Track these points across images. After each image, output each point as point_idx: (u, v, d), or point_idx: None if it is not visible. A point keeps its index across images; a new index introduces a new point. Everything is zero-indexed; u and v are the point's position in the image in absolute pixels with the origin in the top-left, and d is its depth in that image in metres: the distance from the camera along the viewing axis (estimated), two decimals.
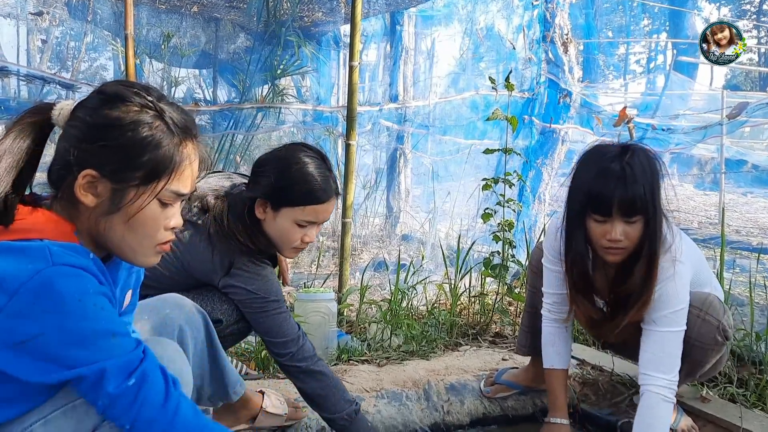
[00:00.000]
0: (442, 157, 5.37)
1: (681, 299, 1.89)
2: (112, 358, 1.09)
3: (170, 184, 1.17)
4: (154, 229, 1.19)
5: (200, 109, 3.87)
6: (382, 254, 4.67)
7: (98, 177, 1.13)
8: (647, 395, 1.87)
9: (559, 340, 2.16)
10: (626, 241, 1.81)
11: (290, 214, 1.83)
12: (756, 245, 6.06)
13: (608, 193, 1.77)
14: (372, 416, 2.26)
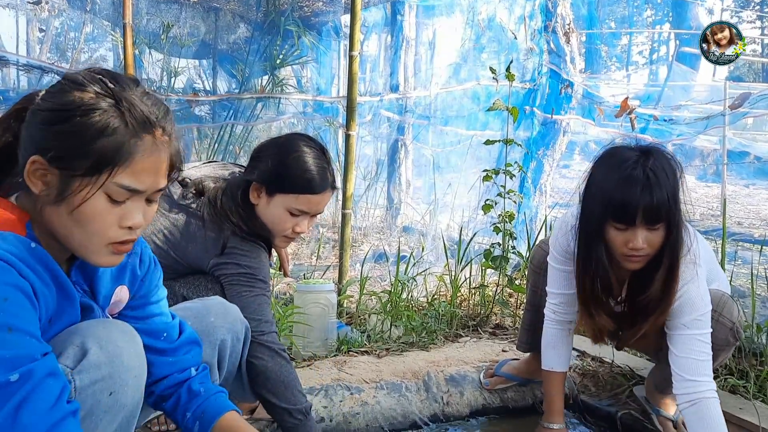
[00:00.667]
0: (443, 149, 5.35)
1: (707, 301, 1.85)
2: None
3: (118, 178, 1.08)
4: (104, 226, 1.11)
5: (199, 99, 3.86)
6: (383, 246, 4.66)
7: (46, 164, 1.07)
8: (705, 404, 1.77)
9: (560, 343, 2.14)
10: (648, 249, 1.75)
11: (283, 202, 1.84)
12: (758, 237, 6.05)
13: (633, 201, 1.69)
14: (371, 407, 2.26)
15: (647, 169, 1.70)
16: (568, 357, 2.17)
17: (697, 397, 1.78)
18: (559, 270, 2.08)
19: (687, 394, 1.80)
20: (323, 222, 5.21)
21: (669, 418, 2.15)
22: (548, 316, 2.15)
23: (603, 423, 2.35)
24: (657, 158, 1.74)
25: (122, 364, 1.21)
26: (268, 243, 1.92)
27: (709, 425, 1.76)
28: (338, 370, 2.44)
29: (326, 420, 2.18)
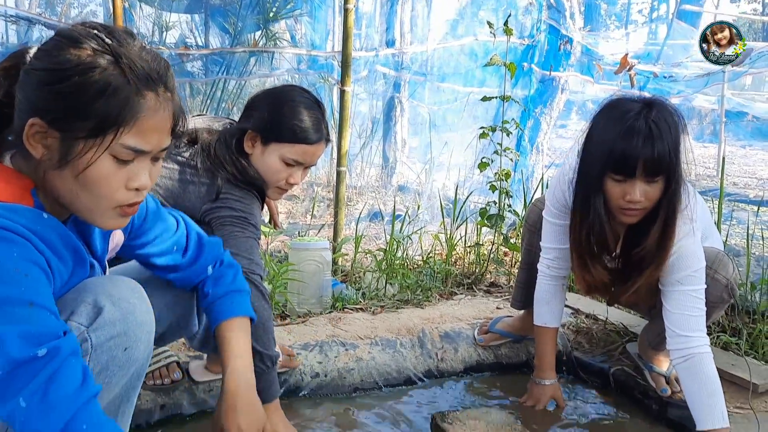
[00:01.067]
0: (439, 106, 5.28)
1: (701, 257, 1.84)
2: (21, 324, 0.98)
3: (124, 138, 1.05)
4: (111, 189, 1.07)
5: (191, 53, 3.78)
6: (378, 204, 4.64)
7: (46, 126, 1.03)
8: (698, 359, 1.78)
9: (554, 299, 2.14)
10: (645, 202, 1.73)
11: (278, 151, 1.83)
12: (753, 197, 6.05)
13: (634, 152, 1.66)
14: (366, 362, 2.27)
15: (649, 120, 1.67)
16: (560, 312, 2.18)
17: (690, 353, 1.79)
18: (555, 224, 2.07)
19: (680, 350, 1.81)
20: (318, 180, 5.17)
21: (661, 374, 2.17)
22: (542, 272, 2.15)
23: (596, 379, 2.37)
24: (660, 110, 1.70)
25: (135, 320, 1.22)
26: (262, 194, 1.90)
27: (703, 380, 1.77)
28: (333, 327, 2.44)
29: (321, 375, 2.19)
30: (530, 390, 2.19)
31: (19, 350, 0.97)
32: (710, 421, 1.73)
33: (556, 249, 2.09)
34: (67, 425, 0.98)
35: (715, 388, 1.77)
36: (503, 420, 1.86)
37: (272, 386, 1.73)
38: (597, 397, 2.28)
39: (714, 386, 1.77)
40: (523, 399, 2.18)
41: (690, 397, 1.80)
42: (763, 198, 5.01)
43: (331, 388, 2.19)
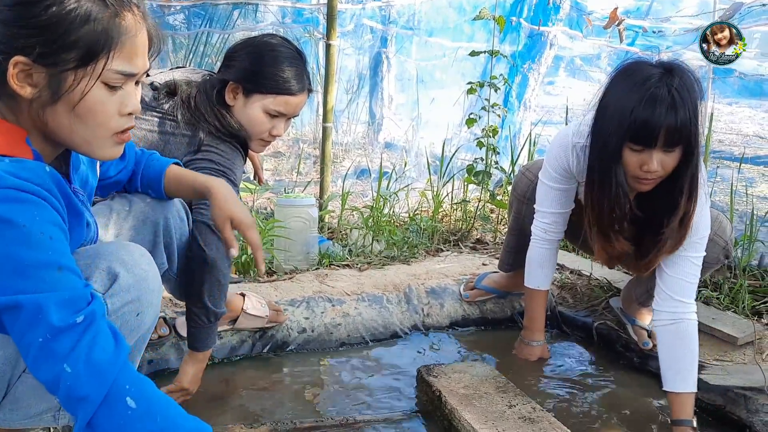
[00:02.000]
0: (427, 62, 5.21)
1: (707, 225, 1.81)
2: (55, 291, 0.98)
3: (112, 63, 1.03)
4: (106, 117, 1.06)
5: (172, 4, 3.67)
6: (365, 161, 4.61)
7: (30, 63, 0.99)
8: (687, 324, 1.79)
9: (547, 262, 2.15)
10: (662, 171, 1.67)
11: (260, 102, 1.80)
12: (738, 155, 6.08)
13: (657, 122, 1.59)
14: (353, 318, 2.29)
15: (672, 88, 1.59)
16: (552, 275, 2.20)
17: (680, 318, 1.79)
18: (554, 188, 2.02)
19: (671, 313, 1.80)
20: (304, 137, 5.11)
21: (644, 328, 2.21)
22: (537, 235, 2.12)
23: (580, 333, 2.41)
24: (681, 76, 1.62)
25: (148, 287, 1.23)
26: (245, 147, 1.87)
27: (687, 346, 1.79)
28: (320, 283, 2.45)
29: (308, 331, 2.21)
30: (518, 349, 2.22)
31: (60, 318, 0.98)
32: (683, 385, 1.77)
33: (554, 213, 2.07)
34: (113, 386, 1.00)
35: (695, 355, 1.79)
36: (487, 373, 1.89)
37: (208, 338, 1.78)
38: (580, 351, 2.32)
39: (695, 354, 1.79)
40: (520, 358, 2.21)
41: (668, 359, 1.80)
42: (745, 155, 5.05)
43: (318, 343, 2.21)
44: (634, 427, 1.83)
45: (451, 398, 1.73)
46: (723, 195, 4.02)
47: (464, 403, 1.71)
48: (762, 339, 2.13)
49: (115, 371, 1.01)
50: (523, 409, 1.69)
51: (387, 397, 1.94)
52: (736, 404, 1.84)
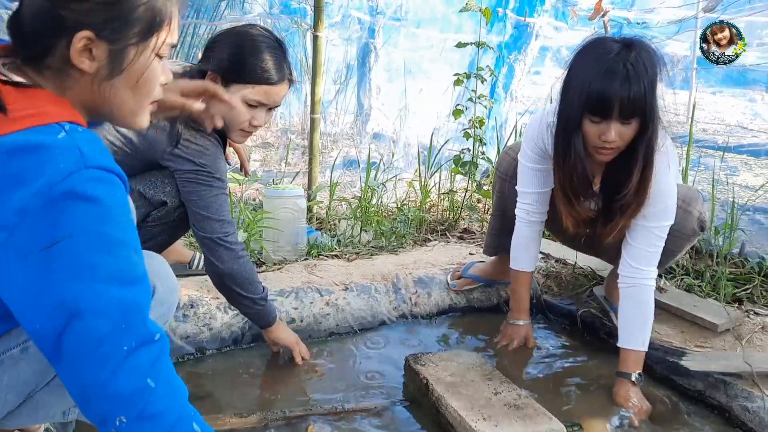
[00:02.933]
0: (414, 53, 5.22)
1: (672, 193, 1.89)
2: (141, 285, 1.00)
3: (168, 36, 1.10)
4: (155, 87, 1.13)
5: None
6: (353, 152, 4.63)
7: (94, 39, 1.02)
8: (641, 289, 1.91)
9: (531, 244, 2.19)
10: (619, 142, 1.75)
11: (239, 92, 1.79)
12: (721, 143, 6.14)
13: (610, 94, 1.68)
14: (341, 308, 2.31)
15: (627, 62, 1.68)
16: (536, 257, 2.24)
17: (637, 282, 1.92)
18: (532, 168, 2.09)
19: (630, 278, 1.93)
20: (292, 128, 5.12)
21: None
22: (520, 217, 2.17)
23: (564, 320, 2.45)
24: (639, 51, 1.71)
25: (174, 298, 1.28)
26: (224, 139, 1.87)
27: (640, 308, 1.92)
28: (308, 273, 2.47)
29: (297, 321, 2.23)
30: (504, 330, 2.26)
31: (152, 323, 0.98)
32: (633, 343, 1.91)
33: (534, 193, 2.12)
34: (184, 408, 1.00)
35: (647, 317, 1.92)
36: (474, 361, 1.92)
37: (270, 315, 2.00)
38: (565, 338, 2.36)
39: (647, 315, 1.92)
40: (498, 339, 2.26)
41: (624, 319, 1.94)
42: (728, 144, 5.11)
43: (307, 332, 2.24)
44: (617, 413, 1.87)
45: (438, 386, 1.76)
46: (706, 184, 4.07)
47: (451, 390, 1.74)
48: (742, 326, 2.18)
49: (186, 393, 1.01)
50: (509, 396, 1.72)
51: (375, 385, 1.97)
52: (716, 389, 1.89)
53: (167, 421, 0.96)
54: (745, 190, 4.12)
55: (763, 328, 2.15)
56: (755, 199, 3.49)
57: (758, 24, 9.13)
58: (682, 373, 1.98)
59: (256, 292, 1.91)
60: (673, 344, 2.12)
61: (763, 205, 3.57)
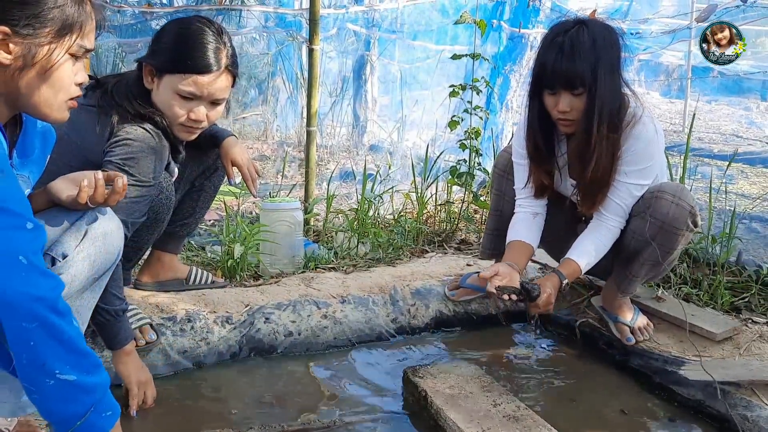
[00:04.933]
0: (410, 64, 5.24)
1: (655, 156, 2.02)
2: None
3: (82, 40, 1.26)
4: (68, 83, 1.27)
5: (154, 10, 3.68)
6: (349, 164, 4.63)
7: (10, 34, 1.18)
8: (606, 228, 2.07)
9: (522, 224, 2.20)
10: (574, 113, 1.91)
11: (171, 83, 1.75)
12: (717, 152, 6.17)
13: (550, 66, 1.87)
14: (339, 320, 2.30)
15: (569, 36, 1.85)
16: (533, 236, 2.18)
17: (602, 223, 2.07)
18: (522, 165, 2.18)
19: (598, 221, 2.08)
20: (288, 140, 5.13)
21: (626, 324, 2.25)
22: (516, 211, 2.23)
23: (563, 331, 2.45)
24: (587, 28, 1.87)
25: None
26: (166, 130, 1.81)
27: (596, 239, 2.07)
28: (306, 286, 2.47)
29: (294, 334, 2.22)
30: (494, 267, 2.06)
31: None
32: (577, 257, 2.05)
33: (527, 188, 2.19)
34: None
35: (599, 247, 2.06)
36: (472, 373, 1.92)
37: (120, 334, 1.74)
38: (563, 349, 2.35)
39: (598, 247, 2.06)
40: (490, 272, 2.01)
41: (581, 241, 2.08)
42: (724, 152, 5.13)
43: (305, 346, 2.23)
44: (616, 423, 1.87)
45: (437, 398, 1.76)
46: (703, 192, 4.09)
47: (450, 402, 1.73)
48: (740, 334, 2.18)
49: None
50: (508, 408, 1.72)
51: (374, 398, 1.96)
52: (715, 399, 1.88)
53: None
54: (742, 198, 4.13)
55: (761, 337, 2.15)
56: (752, 208, 3.50)
57: (752, 33, 9.20)
58: (681, 383, 1.97)
59: (105, 302, 1.66)
60: (671, 353, 2.12)
61: (760, 213, 3.59)
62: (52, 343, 1.13)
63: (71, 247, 1.40)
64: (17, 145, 1.33)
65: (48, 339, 1.13)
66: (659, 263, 2.08)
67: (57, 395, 1.16)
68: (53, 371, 1.14)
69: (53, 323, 1.13)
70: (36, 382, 1.14)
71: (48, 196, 1.47)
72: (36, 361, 1.13)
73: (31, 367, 1.13)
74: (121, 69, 3.90)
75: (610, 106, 1.91)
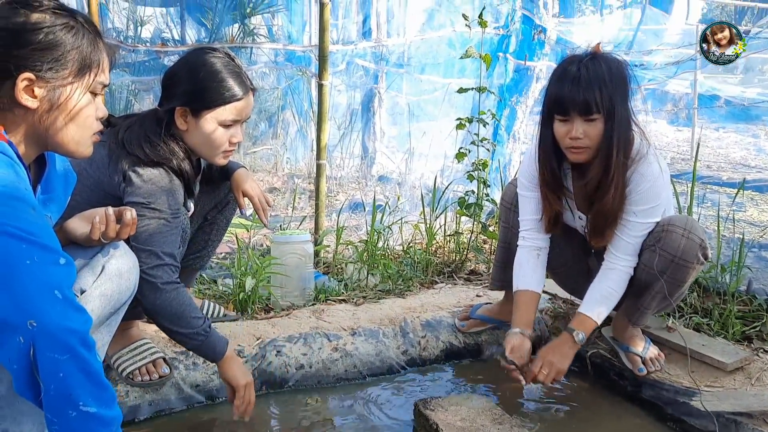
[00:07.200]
0: (418, 97, 5.30)
1: (662, 195, 2.04)
2: None
3: (100, 77, 1.32)
4: (91, 120, 1.33)
5: (168, 49, 3.76)
6: (359, 195, 4.67)
7: (34, 79, 1.24)
8: (616, 272, 2.07)
9: (527, 264, 2.22)
10: (587, 140, 1.94)
11: (213, 117, 1.84)
12: (726, 180, 6.17)
13: (564, 93, 1.90)
14: (350, 353, 2.31)
15: (581, 66, 1.89)
16: (539, 279, 2.21)
17: (613, 266, 2.08)
18: (527, 197, 2.21)
19: (610, 263, 2.09)
20: (298, 173, 5.18)
21: (638, 354, 2.24)
22: (520, 244, 2.24)
23: (574, 363, 2.42)
24: (599, 59, 1.92)
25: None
26: (180, 171, 1.87)
27: (606, 285, 2.08)
28: (316, 319, 2.49)
29: (306, 367, 2.24)
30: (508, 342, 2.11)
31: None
32: (589, 310, 2.07)
33: (530, 220, 2.21)
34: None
35: (611, 294, 2.07)
36: (483, 405, 1.92)
37: (212, 349, 1.83)
38: (574, 380, 2.34)
39: (611, 294, 2.07)
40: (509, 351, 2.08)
41: (591, 289, 2.10)
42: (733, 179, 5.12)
43: (316, 379, 2.24)
44: None
45: (449, 431, 1.76)
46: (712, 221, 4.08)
47: None
48: (751, 364, 2.17)
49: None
50: None
51: (385, 431, 1.96)
52: (728, 430, 1.87)
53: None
54: (751, 226, 4.12)
55: None
56: (761, 236, 3.50)
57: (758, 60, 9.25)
58: (693, 414, 1.96)
59: (187, 327, 1.78)
60: (683, 384, 2.11)
61: None
62: (79, 375, 1.16)
63: (88, 283, 1.44)
64: (41, 185, 1.37)
65: (76, 371, 1.15)
66: (670, 295, 2.09)
67: (77, 427, 1.18)
68: (77, 403, 1.16)
69: (82, 355, 1.16)
70: (60, 413, 1.16)
71: (65, 234, 1.51)
72: (63, 392, 1.15)
73: (57, 398, 1.15)
74: (134, 105, 3.97)
75: (626, 134, 1.95)
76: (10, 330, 1.11)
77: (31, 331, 1.11)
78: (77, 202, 1.58)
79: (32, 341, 1.12)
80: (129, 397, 1.96)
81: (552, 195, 2.13)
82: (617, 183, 1.97)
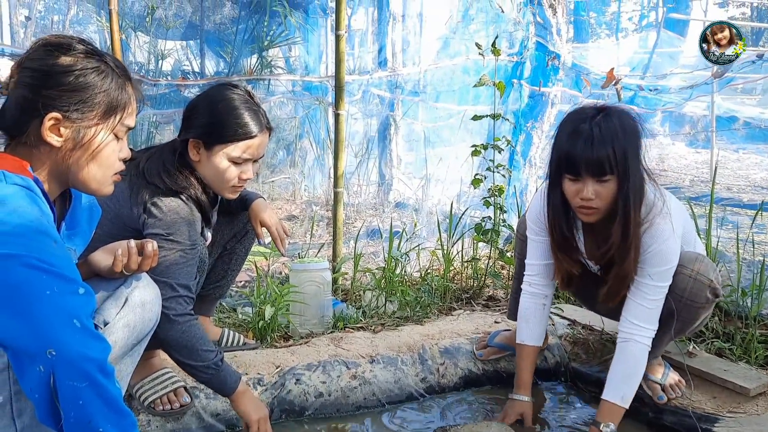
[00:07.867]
0: (434, 123, 5.36)
1: (675, 256, 1.96)
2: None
3: (125, 120, 1.37)
4: (113, 161, 1.38)
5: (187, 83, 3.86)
6: (376, 222, 4.70)
7: (61, 119, 1.28)
8: (634, 344, 1.96)
9: (534, 317, 2.21)
10: (598, 201, 1.86)
11: (224, 152, 1.87)
12: (747, 201, 6.11)
13: (576, 153, 1.83)
14: (368, 381, 2.32)
15: (593, 124, 1.81)
16: (541, 333, 2.23)
17: (631, 338, 1.97)
18: (535, 241, 2.17)
19: (626, 333, 1.98)
20: (316, 200, 5.23)
21: (657, 382, 2.22)
22: (524, 289, 2.23)
23: (593, 389, 2.42)
24: (610, 115, 1.84)
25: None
26: (198, 200, 1.91)
27: (628, 363, 1.97)
28: (335, 347, 2.50)
29: (324, 395, 2.24)
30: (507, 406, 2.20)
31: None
32: (613, 396, 1.95)
33: (537, 265, 2.19)
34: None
35: (633, 372, 1.96)
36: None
37: (225, 383, 1.86)
38: (594, 407, 2.32)
39: (633, 371, 1.97)
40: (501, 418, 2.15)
41: (611, 371, 1.99)
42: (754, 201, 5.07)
43: (335, 407, 2.24)
44: None
45: None
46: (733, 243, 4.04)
47: None
48: None
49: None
50: None
51: None
52: None
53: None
54: None
55: None
56: None
57: None
58: None
59: (197, 360, 1.80)
60: (705, 410, 2.09)
61: None
62: (98, 402, 1.19)
63: (112, 315, 1.47)
64: (66, 219, 1.42)
65: (95, 398, 1.18)
66: (682, 332, 2.10)
67: None
68: (97, 429, 1.19)
69: (101, 383, 1.19)
70: None
71: (89, 267, 1.55)
72: (83, 419, 1.18)
73: (78, 425, 1.18)
74: (155, 137, 4.07)
75: (640, 192, 1.88)
76: (31, 359, 1.15)
77: (50, 360, 1.14)
78: (98, 234, 1.63)
79: (52, 370, 1.15)
80: (150, 426, 1.97)
81: (564, 256, 2.08)
82: (636, 245, 1.90)
